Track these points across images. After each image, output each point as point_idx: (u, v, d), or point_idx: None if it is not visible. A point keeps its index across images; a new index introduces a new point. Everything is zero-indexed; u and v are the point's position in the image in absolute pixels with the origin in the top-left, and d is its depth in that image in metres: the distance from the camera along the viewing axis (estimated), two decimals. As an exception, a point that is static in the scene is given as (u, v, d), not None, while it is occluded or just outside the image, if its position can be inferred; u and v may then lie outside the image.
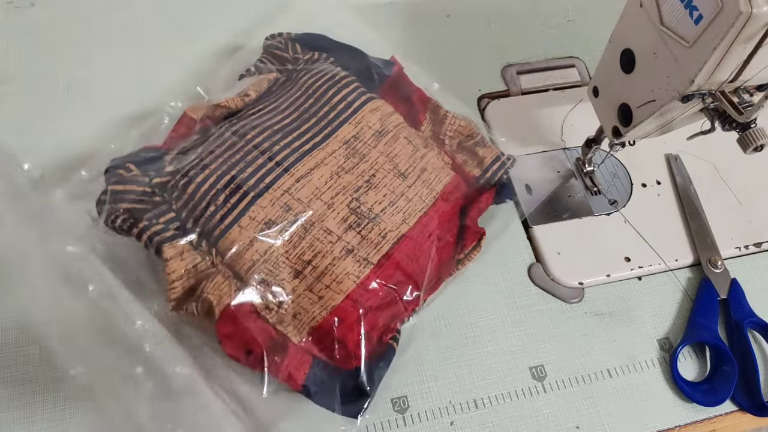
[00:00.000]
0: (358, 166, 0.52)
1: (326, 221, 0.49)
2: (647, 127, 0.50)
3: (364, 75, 0.58)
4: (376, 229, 0.50)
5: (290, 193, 0.49)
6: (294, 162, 0.50)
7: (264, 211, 0.48)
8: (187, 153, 0.51)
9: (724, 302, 0.56)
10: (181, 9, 0.65)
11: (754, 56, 0.40)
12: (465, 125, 0.58)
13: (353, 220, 0.49)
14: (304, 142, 0.52)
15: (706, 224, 0.60)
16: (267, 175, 0.49)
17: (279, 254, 0.47)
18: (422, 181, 0.53)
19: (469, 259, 0.54)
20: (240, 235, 0.47)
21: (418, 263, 0.50)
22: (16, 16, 0.61)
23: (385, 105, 0.56)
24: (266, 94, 0.56)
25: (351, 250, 0.48)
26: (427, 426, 0.49)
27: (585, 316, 0.55)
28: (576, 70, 0.69)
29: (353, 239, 0.49)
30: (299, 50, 0.59)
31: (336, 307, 0.47)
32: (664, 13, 0.43)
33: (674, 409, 0.52)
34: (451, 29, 0.69)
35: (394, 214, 0.51)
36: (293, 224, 0.48)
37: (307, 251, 0.48)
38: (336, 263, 0.48)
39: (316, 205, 0.49)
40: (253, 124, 0.52)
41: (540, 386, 0.51)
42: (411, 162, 0.54)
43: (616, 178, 0.62)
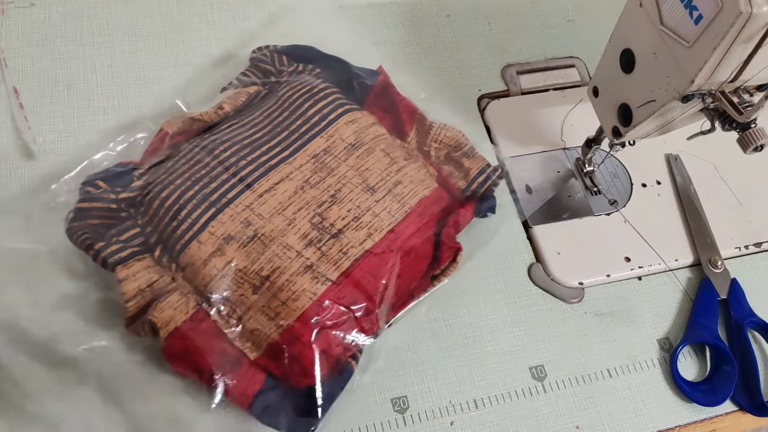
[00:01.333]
0: (324, 180, 0.51)
1: (287, 237, 0.48)
2: (647, 127, 0.50)
3: (348, 86, 0.58)
4: (337, 246, 0.49)
5: (251, 209, 0.48)
6: (258, 177, 0.50)
7: (224, 227, 0.48)
8: (158, 168, 0.51)
9: (724, 302, 0.56)
10: (178, 11, 0.65)
11: (754, 56, 0.40)
12: (451, 136, 0.57)
13: (314, 236, 0.49)
14: (272, 157, 0.51)
15: (706, 224, 0.60)
16: (230, 191, 0.49)
17: (237, 269, 0.47)
18: (393, 195, 0.52)
19: (446, 275, 0.52)
20: (199, 251, 0.47)
21: (382, 280, 0.49)
22: (16, 16, 0.61)
23: (366, 116, 0.56)
24: (245, 108, 0.56)
25: (310, 266, 0.47)
26: (427, 426, 0.49)
27: (585, 316, 0.55)
28: (576, 70, 0.69)
29: (313, 255, 0.48)
30: (285, 62, 0.59)
31: (291, 324, 0.46)
32: (664, 13, 0.43)
33: (674, 409, 0.52)
34: (451, 29, 0.69)
35: (358, 230, 0.50)
36: (252, 240, 0.48)
37: (265, 267, 0.47)
38: (293, 279, 0.47)
39: (278, 220, 0.49)
40: (223, 138, 0.52)
41: (540, 386, 0.51)
42: (384, 175, 0.52)
43: (616, 178, 0.62)
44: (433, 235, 0.53)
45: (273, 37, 0.61)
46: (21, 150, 0.55)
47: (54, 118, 0.56)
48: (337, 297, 0.47)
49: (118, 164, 0.51)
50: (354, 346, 0.47)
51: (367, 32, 0.67)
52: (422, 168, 0.55)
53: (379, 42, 0.66)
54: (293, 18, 0.64)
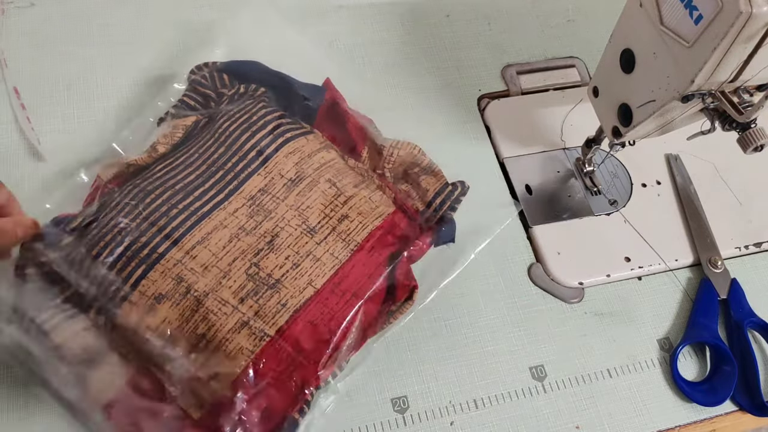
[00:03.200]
0: (261, 225, 0.48)
1: (221, 291, 0.45)
2: (647, 127, 0.50)
3: (293, 105, 0.55)
4: (276, 297, 0.45)
5: (183, 264, 0.46)
6: (189, 229, 0.47)
7: (154, 285, 0.45)
8: (89, 223, 0.48)
9: (724, 302, 0.56)
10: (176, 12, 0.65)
11: (754, 56, 0.40)
12: (406, 154, 0.54)
13: (251, 288, 0.45)
14: (205, 203, 0.48)
15: (706, 224, 0.60)
16: (158, 246, 0.46)
17: (173, 329, 0.44)
18: (338, 234, 0.48)
19: (401, 312, 0.49)
20: (131, 311, 0.44)
21: (327, 328, 0.46)
22: (16, 16, 0.61)
23: (311, 142, 0.52)
24: (181, 143, 0.53)
25: (246, 322, 0.44)
26: (427, 426, 0.49)
27: (585, 316, 0.55)
28: (576, 70, 0.69)
29: (249, 310, 0.45)
30: (227, 82, 0.56)
31: (232, 383, 0.43)
32: (664, 13, 0.43)
33: (674, 409, 0.52)
34: (451, 29, 0.69)
35: (297, 278, 0.46)
36: (184, 297, 0.45)
37: (200, 324, 0.44)
38: (229, 337, 0.44)
39: (211, 274, 0.46)
40: (153, 185, 0.49)
41: (540, 386, 0.51)
42: (327, 212, 0.49)
43: (616, 178, 0.62)
44: (384, 271, 0.49)
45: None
46: (25, 150, 0.55)
47: (54, 118, 0.56)
48: (276, 352, 0.44)
49: (54, 219, 0.48)
50: (300, 399, 0.45)
51: (367, 32, 0.67)
52: (376, 191, 0.52)
53: (379, 42, 0.66)
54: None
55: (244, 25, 0.61)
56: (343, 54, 0.65)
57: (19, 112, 0.56)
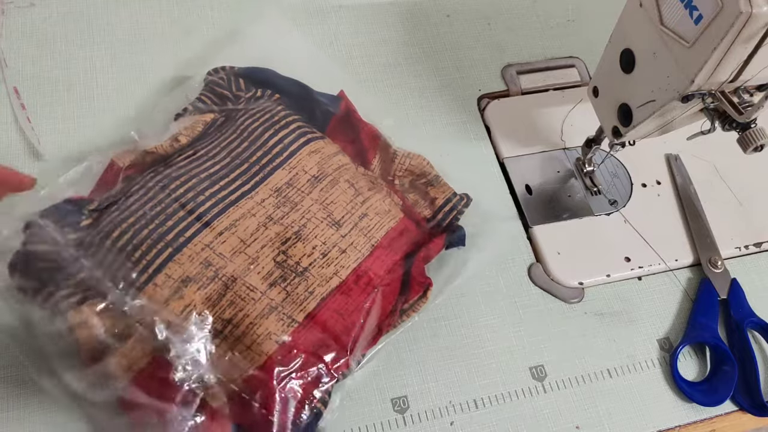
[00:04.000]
0: (288, 215, 0.48)
1: (249, 277, 0.46)
2: (647, 127, 0.50)
3: (309, 112, 0.56)
4: (303, 285, 0.46)
5: (211, 248, 0.46)
6: (217, 214, 0.47)
7: (181, 268, 0.45)
8: (108, 206, 0.48)
9: (724, 302, 0.56)
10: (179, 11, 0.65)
11: (754, 56, 0.40)
12: (416, 164, 0.55)
13: (279, 275, 0.46)
14: (232, 191, 0.49)
15: (706, 224, 0.60)
16: (187, 229, 0.46)
17: (197, 314, 0.44)
18: (359, 229, 0.50)
19: (415, 310, 0.50)
20: (155, 294, 0.44)
21: (351, 319, 0.47)
22: (16, 16, 0.61)
23: (329, 145, 0.53)
24: (201, 137, 0.53)
25: (274, 307, 0.45)
26: (427, 426, 0.49)
27: (585, 316, 0.55)
28: (576, 70, 0.69)
29: (278, 296, 0.46)
30: (242, 86, 0.56)
31: (255, 370, 0.44)
32: (664, 13, 0.43)
33: (674, 409, 0.52)
34: (451, 29, 0.69)
35: (324, 267, 0.47)
36: (212, 281, 0.45)
37: (227, 309, 0.45)
38: (257, 322, 0.44)
39: (239, 259, 0.46)
40: (179, 173, 0.49)
41: (540, 386, 0.51)
42: (349, 208, 0.50)
43: (616, 178, 0.62)
44: (401, 268, 0.50)
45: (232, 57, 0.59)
46: (25, 150, 0.55)
47: (54, 119, 0.56)
48: (304, 339, 0.45)
49: (67, 200, 0.48)
50: (323, 390, 0.45)
51: (367, 32, 0.67)
52: (387, 198, 0.53)
53: (379, 42, 0.66)
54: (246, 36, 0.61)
55: (258, 33, 0.61)
56: (343, 54, 0.65)
57: (19, 112, 0.56)
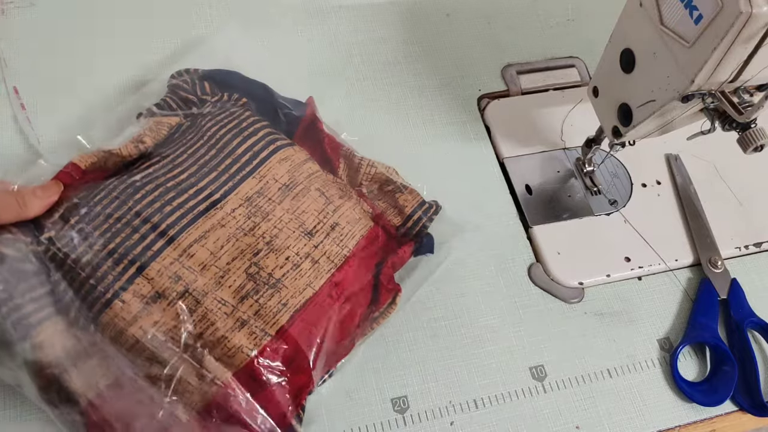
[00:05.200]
0: (259, 226, 0.47)
1: (221, 290, 0.45)
2: (647, 127, 0.50)
3: (274, 117, 0.55)
4: (276, 297, 0.45)
5: (180, 262, 0.45)
6: (186, 226, 0.46)
7: (150, 284, 0.44)
8: (70, 214, 0.46)
9: (724, 302, 0.56)
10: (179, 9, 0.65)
11: (754, 56, 0.40)
12: (381, 172, 0.54)
13: (251, 288, 0.45)
14: (200, 201, 0.47)
15: (706, 224, 0.60)
16: (153, 244, 0.45)
17: (167, 329, 0.43)
18: (332, 239, 0.49)
19: (384, 317, 0.50)
20: (122, 312, 0.43)
21: (324, 330, 0.46)
22: (16, 16, 0.61)
23: (298, 152, 0.52)
24: (166, 143, 0.51)
25: (246, 321, 0.44)
26: (427, 426, 0.49)
27: (585, 316, 0.55)
28: (576, 70, 0.69)
29: (249, 309, 0.44)
30: (208, 90, 0.55)
31: (226, 383, 0.42)
32: (664, 13, 0.43)
33: (674, 409, 0.52)
34: (451, 29, 0.69)
35: (298, 279, 0.46)
36: (182, 296, 0.44)
37: (198, 324, 0.43)
38: (229, 336, 0.43)
39: (210, 273, 0.45)
40: (143, 182, 0.47)
41: (540, 386, 0.51)
42: (321, 218, 0.49)
43: (616, 178, 0.62)
44: (371, 277, 0.50)
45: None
46: (25, 150, 0.54)
47: (54, 119, 0.56)
48: (275, 352, 0.44)
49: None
50: (298, 404, 0.44)
51: (367, 31, 0.67)
52: (357, 206, 0.52)
53: (378, 41, 0.66)
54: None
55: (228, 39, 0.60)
56: (343, 54, 0.65)
57: (18, 113, 0.56)
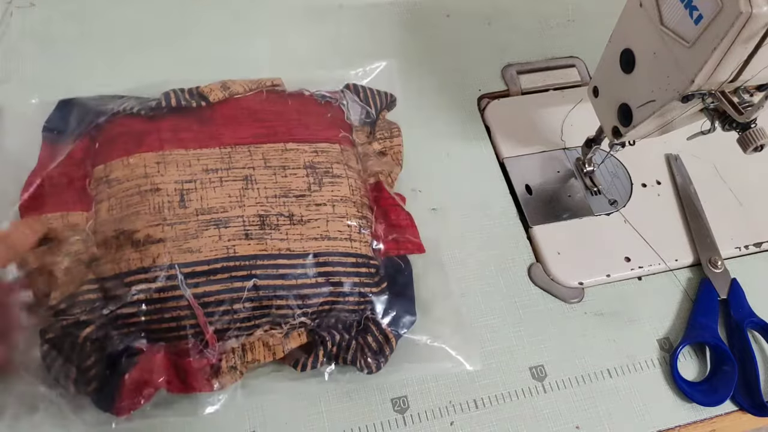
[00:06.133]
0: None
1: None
2: (647, 127, 0.50)
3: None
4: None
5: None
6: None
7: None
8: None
9: (724, 302, 0.56)
10: (179, 12, 0.65)
11: (754, 56, 0.40)
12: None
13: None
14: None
15: (706, 224, 0.60)
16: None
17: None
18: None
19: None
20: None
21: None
22: (16, 16, 0.61)
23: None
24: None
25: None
26: (427, 426, 0.49)
27: (585, 316, 0.55)
28: (576, 70, 0.69)
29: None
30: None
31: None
32: (664, 13, 0.43)
33: (674, 409, 0.52)
34: (451, 29, 0.69)
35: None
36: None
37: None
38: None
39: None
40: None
41: (540, 386, 0.51)
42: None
43: (616, 178, 0.62)
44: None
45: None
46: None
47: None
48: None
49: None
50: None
51: (367, 32, 0.67)
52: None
53: (379, 41, 0.66)
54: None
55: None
56: (343, 54, 0.65)
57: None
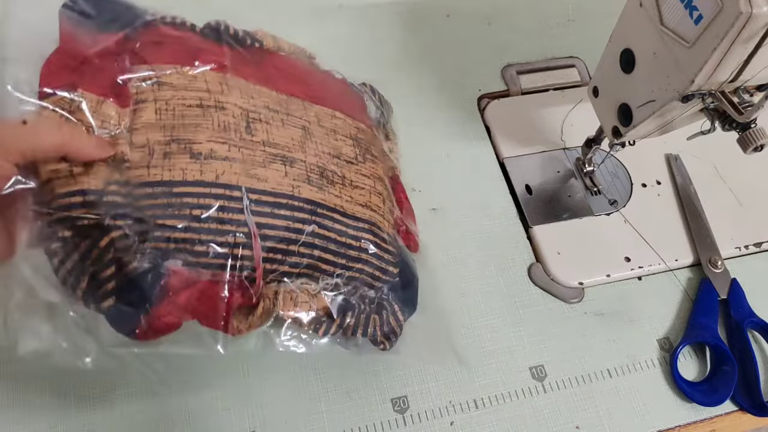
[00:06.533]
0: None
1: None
2: (647, 127, 0.50)
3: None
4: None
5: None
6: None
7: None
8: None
9: (724, 302, 0.56)
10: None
11: (754, 56, 0.40)
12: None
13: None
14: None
15: (706, 224, 0.60)
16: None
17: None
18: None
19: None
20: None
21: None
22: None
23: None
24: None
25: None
26: (427, 426, 0.49)
27: (585, 316, 0.55)
28: (576, 70, 0.69)
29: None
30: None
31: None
32: (664, 13, 0.43)
33: (674, 409, 0.52)
34: (451, 29, 0.69)
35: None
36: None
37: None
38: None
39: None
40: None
41: (540, 386, 0.51)
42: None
43: (616, 178, 0.62)
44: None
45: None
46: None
47: (54, 118, 0.56)
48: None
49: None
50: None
51: (367, 31, 0.67)
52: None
53: (379, 41, 0.66)
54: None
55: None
56: (343, 54, 0.65)
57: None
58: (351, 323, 0.43)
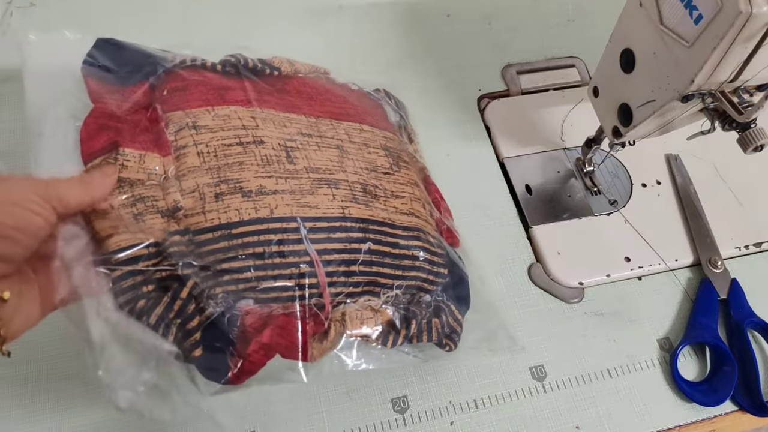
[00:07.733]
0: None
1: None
2: (647, 127, 0.50)
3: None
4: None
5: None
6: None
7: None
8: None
9: (724, 302, 0.56)
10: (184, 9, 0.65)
11: (754, 56, 0.40)
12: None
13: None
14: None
15: (706, 224, 0.60)
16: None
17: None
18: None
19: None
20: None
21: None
22: (16, 16, 0.61)
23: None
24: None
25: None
26: (427, 426, 0.49)
27: (585, 316, 0.55)
28: (576, 70, 0.69)
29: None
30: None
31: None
32: (664, 12, 0.43)
33: (674, 409, 0.52)
34: (451, 29, 0.69)
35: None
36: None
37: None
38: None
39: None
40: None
41: (540, 386, 0.51)
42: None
43: (616, 178, 0.62)
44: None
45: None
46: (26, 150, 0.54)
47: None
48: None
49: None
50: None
51: (367, 32, 0.67)
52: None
53: (379, 42, 0.66)
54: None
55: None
56: (343, 54, 0.65)
57: (19, 112, 0.56)
58: (415, 331, 0.44)
